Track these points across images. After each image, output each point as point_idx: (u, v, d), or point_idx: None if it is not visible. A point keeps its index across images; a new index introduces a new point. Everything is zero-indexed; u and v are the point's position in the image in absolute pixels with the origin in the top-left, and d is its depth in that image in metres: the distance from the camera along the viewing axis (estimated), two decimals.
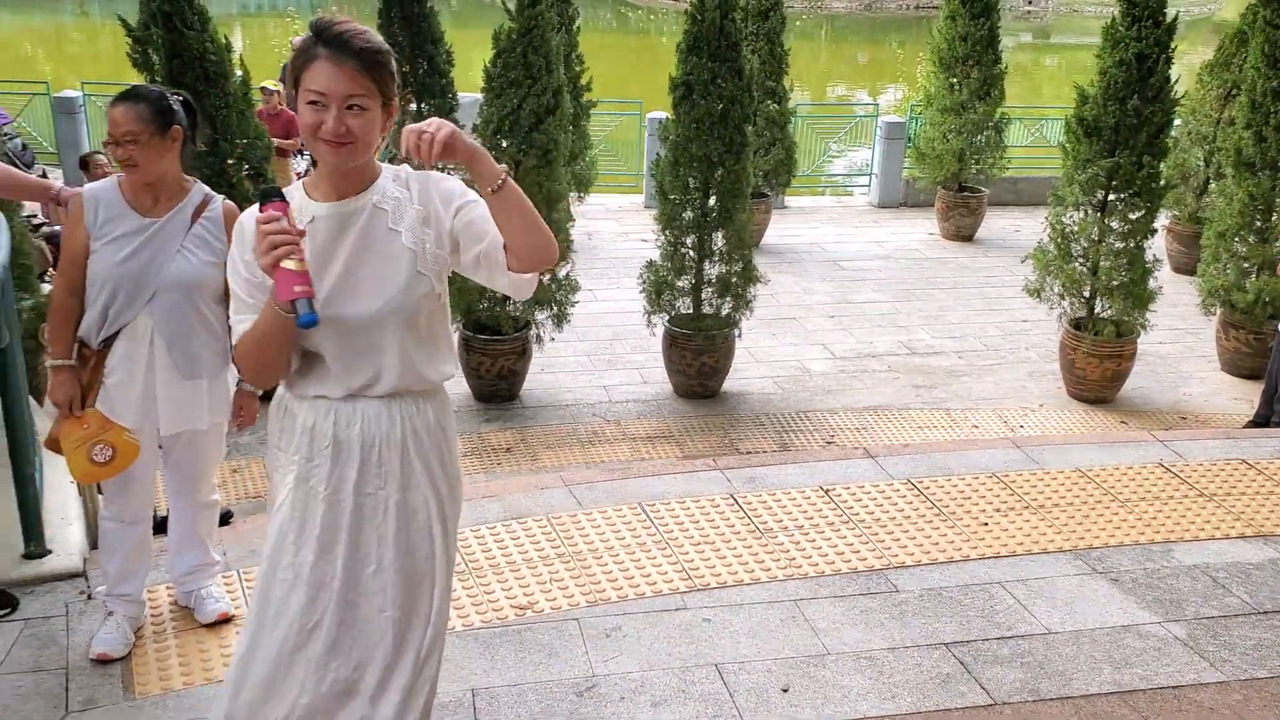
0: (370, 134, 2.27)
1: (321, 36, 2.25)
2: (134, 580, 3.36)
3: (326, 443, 2.38)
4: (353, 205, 2.35)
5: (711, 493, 4.26)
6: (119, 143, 3.12)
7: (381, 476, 2.42)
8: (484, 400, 7.82)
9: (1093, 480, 4.38)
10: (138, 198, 3.21)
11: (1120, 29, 7.47)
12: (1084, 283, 7.93)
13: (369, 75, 2.24)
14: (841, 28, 43.18)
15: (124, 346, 3.22)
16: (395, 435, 2.40)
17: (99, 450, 3.16)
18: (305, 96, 2.24)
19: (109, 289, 3.17)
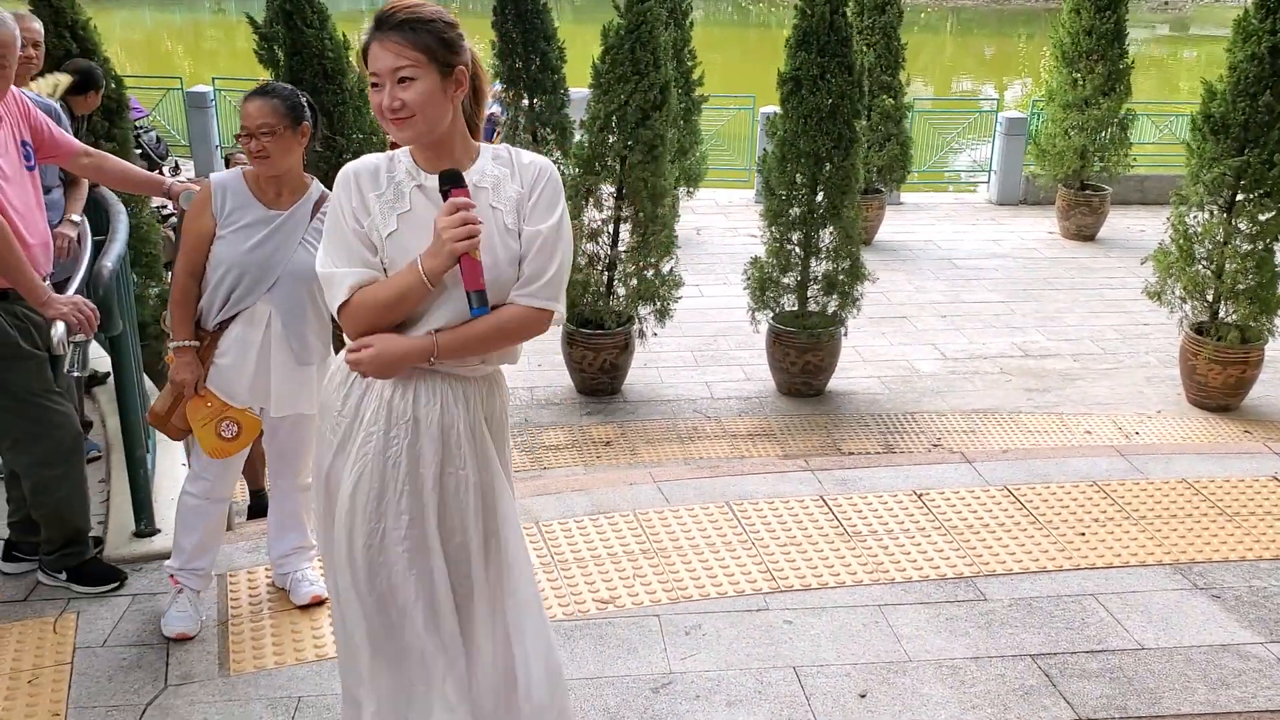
0: (430, 105, 2.29)
1: (375, 23, 2.32)
2: (207, 556, 3.51)
3: (407, 418, 2.43)
4: None
5: (801, 494, 4.23)
6: (253, 135, 3.26)
7: (461, 457, 2.48)
8: (586, 394, 7.89)
9: (1199, 492, 4.22)
10: (263, 190, 3.36)
11: (1254, 21, 7.15)
12: (1207, 286, 7.63)
13: (413, 45, 2.28)
14: (967, 21, 42.28)
15: (240, 330, 3.36)
16: (472, 418, 2.47)
17: (226, 426, 3.33)
18: (370, 81, 2.32)
19: (234, 274, 3.31)
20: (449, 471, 2.48)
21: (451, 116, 2.36)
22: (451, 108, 2.35)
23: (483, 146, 2.46)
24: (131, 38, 35.36)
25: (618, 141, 7.33)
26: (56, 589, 3.65)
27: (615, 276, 7.69)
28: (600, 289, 7.66)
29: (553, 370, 8.17)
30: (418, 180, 2.38)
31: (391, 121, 2.29)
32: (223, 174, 3.43)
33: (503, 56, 9.89)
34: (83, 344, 3.50)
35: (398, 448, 2.44)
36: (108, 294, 3.56)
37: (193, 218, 3.38)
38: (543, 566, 3.71)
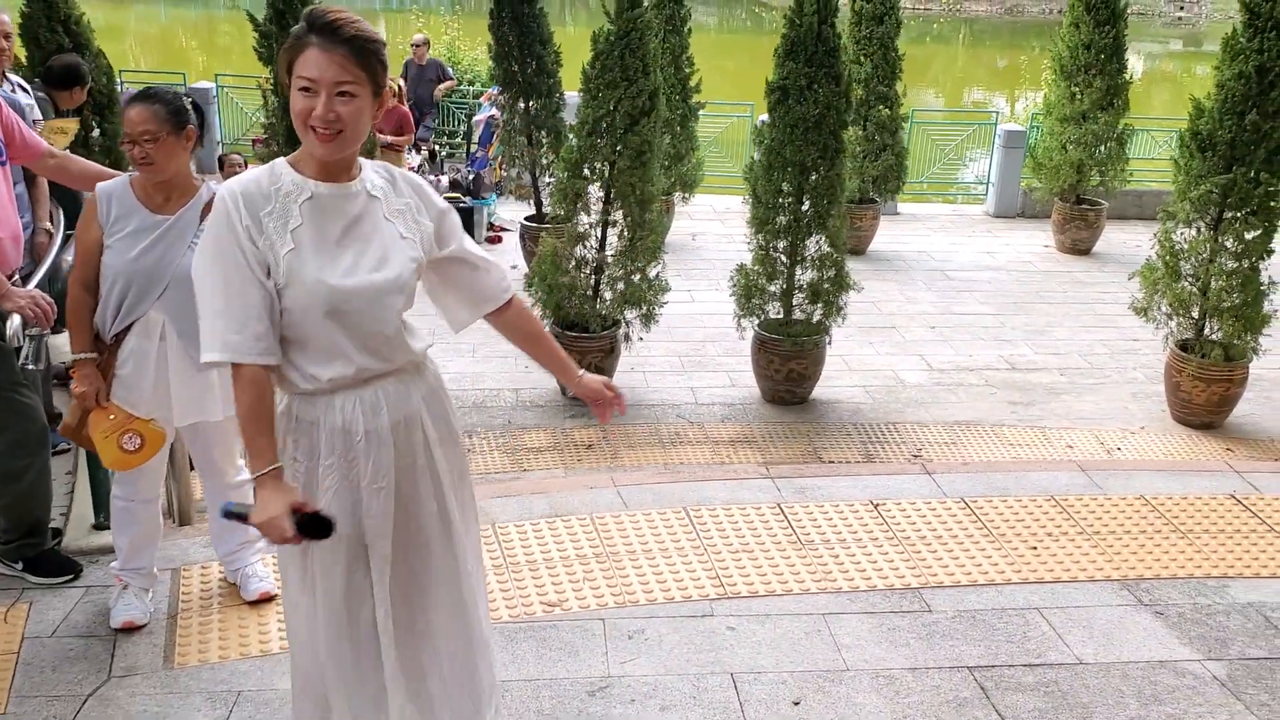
0: (359, 123, 2.32)
1: (314, 25, 2.30)
2: (145, 555, 3.53)
3: (359, 437, 2.43)
4: (348, 189, 2.41)
5: (759, 501, 4.25)
6: (136, 141, 3.22)
7: (412, 451, 2.52)
8: (570, 396, 7.91)
9: (1156, 509, 4.23)
10: (149, 196, 3.32)
11: (1241, 40, 7.16)
12: (1192, 303, 7.63)
13: (359, 63, 2.29)
14: (980, 32, 42.27)
15: (135, 340, 3.33)
16: (412, 408, 2.51)
17: (129, 439, 3.29)
18: (297, 84, 2.30)
19: (121, 283, 3.28)
20: (403, 466, 2.51)
21: (365, 137, 2.40)
22: (366, 131, 2.38)
23: (362, 161, 2.48)
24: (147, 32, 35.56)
25: (606, 146, 7.36)
26: (12, 579, 3.69)
27: (602, 280, 7.72)
28: (587, 292, 7.69)
29: (537, 372, 8.12)
30: (306, 192, 2.37)
31: (319, 134, 2.28)
32: (110, 182, 3.39)
33: (499, 60, 9.93)
34: (39, 338, 3.53)
35: (359, 469, 2.45)
36: (66, 288, 3.59)
37: (82, 228, 3.34)
38: (494, 569, 3.74)
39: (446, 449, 2.59)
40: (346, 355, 2.40)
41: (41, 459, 3.73)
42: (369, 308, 2.38)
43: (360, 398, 2.44)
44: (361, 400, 2.44)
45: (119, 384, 3.36)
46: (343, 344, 2.39)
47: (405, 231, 2.44)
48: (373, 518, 2.47)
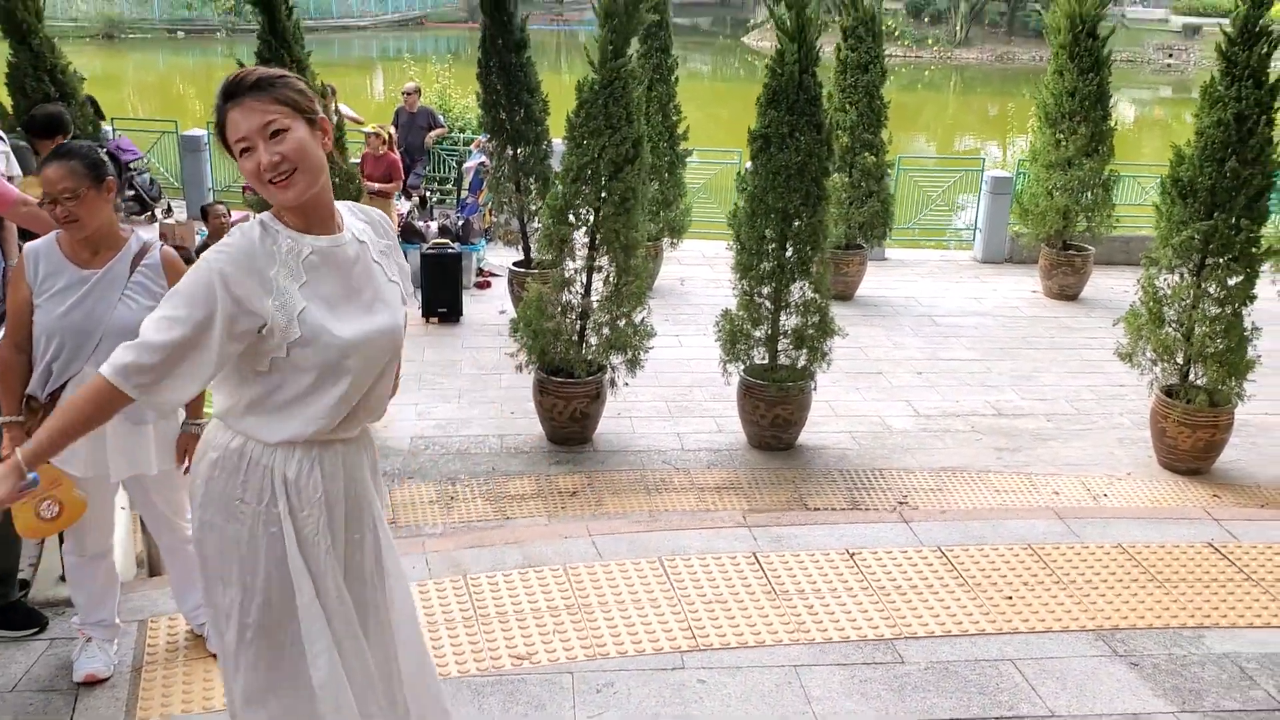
0: (307, 155, 2.30)
1: (224, 94, 2.33)
2: (105, 608, 3.49)
3: (318, 495, 2.41)
4: (341, 239, 2.41)
5: (734, 550, 4.23)
6: (58, 200, 3.19)
7: (358, 520, 2.51)
8: (556, 443, 7.90)
9: (1133, 557, 4.21)
10: (76, 251, 3.28)
11: (1219, 88, 7.23)
12: (1177, 348, 7.64)
13: (275, 100, 2.29)
14: (971, 79, 42.67)
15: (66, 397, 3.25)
16: (363, 475, 2.50)
17: (46, 506, 3.16)
18: (236, 150, 2.30)
19: (55, 342, 3.24)
20: (352, 539, 2.49)
21: (326, 171, 2.37)
22: (324, 160, 2.36)
23: (339, 206, 2.48)
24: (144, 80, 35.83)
25: (591, 193, 7.40)
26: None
27: (587, 325, 7.73)
28: (572, 337, 7.69)
29: (524, 418, 8.18)
30: (306, 249, 2.35)
31: (274, 183, 2.27)
32: (37, 241, 3.35)
33: (487, 108, 10.01)
34: None
35: (314, 527, 2.42)
36: None
37: (11, 289, 3.31)
38: (464, 621, 3.71)
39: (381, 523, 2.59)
40: (337, 412, 2.38)
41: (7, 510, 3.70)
42: (376, 357, 2.40)
43: (321, 457, 2.42)
44: (322, 460, 2.42)
45: None
46: (339, 399, 2.37)
47: (392, 274, 2.46)
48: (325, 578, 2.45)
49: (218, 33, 44.79)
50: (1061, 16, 11.02)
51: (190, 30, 47.02)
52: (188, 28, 47.01)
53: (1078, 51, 11.02)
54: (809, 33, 7.35)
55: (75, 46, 34.95)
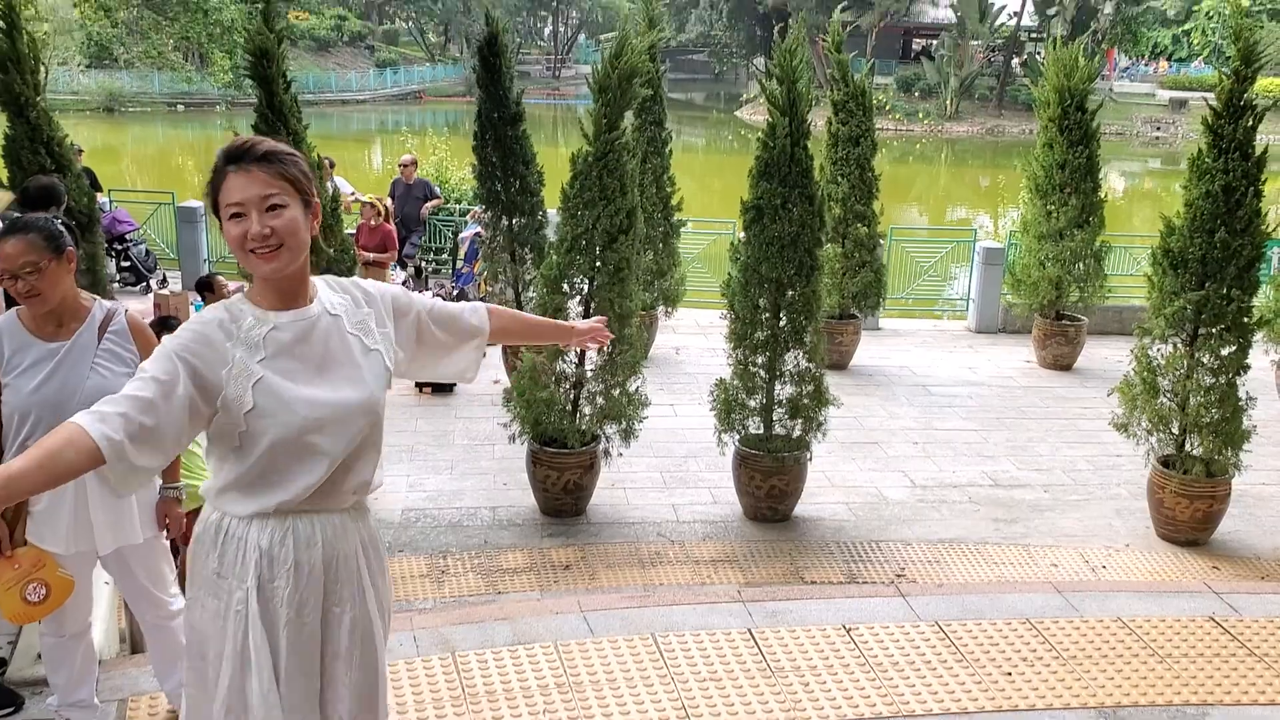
0: (297, 234, 2.32)
1: (228, 155, 2.33)
2: (84, 688, 3.41)
3: (288, 565, 2.37)
4: (308, 313, 2.40)
5: (729, 625, 4.16)
6: (19, 276, 3.14)
7: (338, 594, 2.44)
8: (550, 514, 7.82)
9: (1133, 632, 4.14)
10: (40, 325, 3.24)
11: (1206, 160, 7.29)
12: (1172, 419, 7.61)
13: (280, 175, 2.31)
14: (962, 151, 43.23)
15: None
16: (350, 549, 2.44)
17: (33, 589, 3.11)
18: (226, 214, 2.31)
19: (30, 419, 3.18)
20: (332, 610, 2.44)
21: (307, 251, 2.39)
22: (309, 241, 2.38)
23: (315, 278, 2.48)
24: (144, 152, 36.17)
25: (585, 262, 7.42)
26: None
27: (581, 395, 7.70)
28: (566, 407, 7.65)
29: (517, 489, 8.12)
30: (268, 324, 2.36)
31: (258, 254, 2.28)
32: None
33: (483, 179, 10.09)
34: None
35: (280, 598, 2.38)
36: None
37: None
38: (452, 700, 3.63)
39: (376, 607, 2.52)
40: (305, 485, 2.36)
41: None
42: (342, 430, 2.36)
43: (294, 526, 2.39)
44: (296, 529, 2.39)
45: (35, 522, 3.23)
46: (305, 473, 2.35)
47: (370, 343, 2.43)
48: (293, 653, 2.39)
49: (217, 106, 45.39)
50: (1050, 90, 11.16)
51: (190, 104, 47.66)
52: (187, 101, 47.65)
53: (1067, 124, 11.15)
54: (800, 107, 7.43)
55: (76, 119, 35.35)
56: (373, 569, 2.52)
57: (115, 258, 12.24)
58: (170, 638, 3.49)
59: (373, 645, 2.50)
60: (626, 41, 7.54)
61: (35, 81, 7.09)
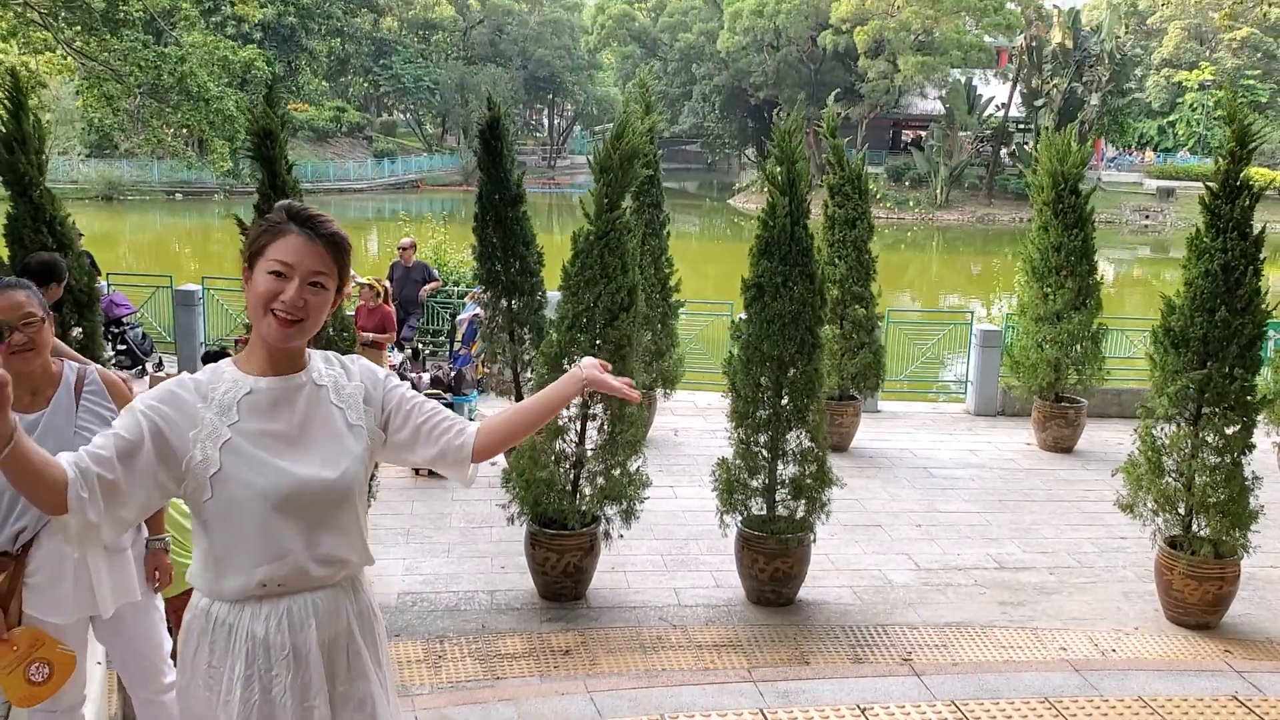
0: (319, 316, 2.33)
1: (295, 215, 2.33)
2: None
3: (285, 652, 2.29)
4: (293, 381, 2.37)
5: (740, 706, 4.04)
6: (17, 328, 3.10)
7: (344, 673, 2.37)
8: (549, 598, 7.67)
9: (1155, 711, 4.03)
10: (17, 399, 3.10)
11: (1205, 240, 7.33)
12: (1178, 499, 7.53)
13: (334, 259, 2.33)
14: (954, 239, 43.71)
15: (48, 544, 3.12)
16: (343, 625, 2.36)
17: (35, 669, 3.03)
18: (268, 266, 2.29)
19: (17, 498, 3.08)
20: (337, 690, 2.36)
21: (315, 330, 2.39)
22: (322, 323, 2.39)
23: (311, 352, 2.46)
24: (141, 239, 36.41)
25: (586, 340, 7.39)
26: None
27: (581, 475, 7.61)
28: (566, 487, 7.56)
29: (515, 573, 7.99)
30: (245, 388, 2.33)
31: (279, 318, 2.27)
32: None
33: (483, 260, 10.12)
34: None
35: (281, 686, 2.30)
36: None
37: None
38: None
39: (376, 679, 2.44)
40: (277, 559, 2.29)
41: None
42: (312, 504, 2.30)
43: (289, 609, 2.31)
44: (290, 613, 2.31)
45: (33, 595, 3.13)
46: (275, 546, 2.28)
47: (354, 419, 2.38)
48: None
49: (215, 195, 45.84)
50: (1045, 175, 11.29)
51: (188, 192, 48.15)
52: (185, 190, 48.14)
53: (1061, 208, 11.26)
54: (799, 187, 7.49)
55: (75, 207, 35.61)
56: (368, 642, 2.43)
57: (111, 340, 12.23)
58: (164, 713, 3.37)
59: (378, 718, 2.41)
60: (628, 123, 7.62)
61: (40, 162, 7.11)
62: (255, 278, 2.31)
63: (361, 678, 2.38)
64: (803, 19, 50.29)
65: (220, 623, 2.31)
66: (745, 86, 55.92)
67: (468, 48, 62.97)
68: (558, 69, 64.97)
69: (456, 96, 59.20)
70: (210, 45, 18.78)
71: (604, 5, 65.08)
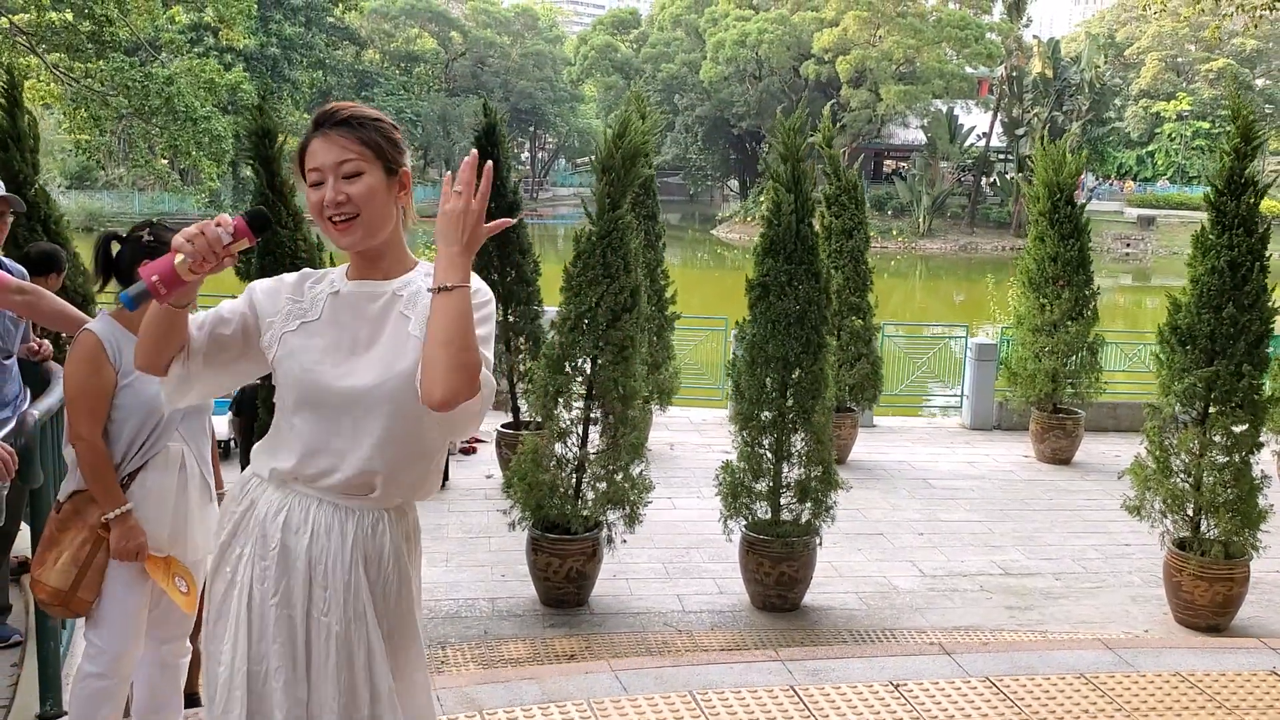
0: (374, 204, 2.20)
1: (315, 122, 2.26)
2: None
3: (274, 545, 2.22)
4: (375, 288, 2.29)
5: (770, 683, 3.93)
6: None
7: (325, 600, 2.21)
8: (551, 605, 7.54)
9: (1194, 685, 3.94)
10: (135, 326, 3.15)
11: (1210, 237, 7.31)
12: (1187, 499, 7.47)
13: (360, 140, 2.21)
14: (936, 268, 43.90)
15: (154, 477, 3.11)
16: (345, 554, 2.22)
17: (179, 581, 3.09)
18: (309, 180, 2.23)
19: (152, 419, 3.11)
20: (312, 615, 2.22)
21: (393, 224, 2.26)
22: (394, 213, 2.26)
23: (422, 263, 2.35)
24: None
25: (588, 341, 7.30)
26: None
27: (584, 479, 7.50)
28: (568, 492, 7.44)
29: (516, 580, 7.85)
30: (334, 288, 2.29)
31: (334, 223, 2.19)
32: (99, 324, 3.21)
33: (478, 269, 9.99)
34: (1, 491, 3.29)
35: (269, 583, 2.22)
36: (30, 443, 3.36)
37: (90, 373, 3.10)
38: None
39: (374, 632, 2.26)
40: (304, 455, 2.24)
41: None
42: (344, 410, 2.22)
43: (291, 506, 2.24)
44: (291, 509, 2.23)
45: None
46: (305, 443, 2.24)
47: (416, 330, 2.23)
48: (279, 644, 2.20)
49: None
50: (1040, 185, 11.32)
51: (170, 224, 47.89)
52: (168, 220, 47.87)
53: (1057, 218, 11.27)
54: (804, 184, 7.44)
55: None
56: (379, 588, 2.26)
57: None
58: (177, 679, 3.25)
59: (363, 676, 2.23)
60: (629, 122, 7.57)
61: (34, 160, 7.02)
62: (307, 198, 2.27)
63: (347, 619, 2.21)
64: (785, 49, 50.68)
65: (245, 494, 2.32)
66: (728, 117, 56.25)
67: (450, 80, 63.19)
68: (540, 101, 65.21)
69: (439, 128, 59.27)
70: (196, 68, 18.71)
71: (586, 36, 65.48)
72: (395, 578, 2.27)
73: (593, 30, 66.77)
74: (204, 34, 33.23)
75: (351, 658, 2.20)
